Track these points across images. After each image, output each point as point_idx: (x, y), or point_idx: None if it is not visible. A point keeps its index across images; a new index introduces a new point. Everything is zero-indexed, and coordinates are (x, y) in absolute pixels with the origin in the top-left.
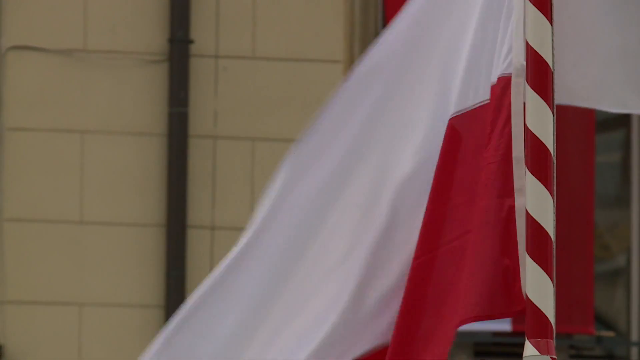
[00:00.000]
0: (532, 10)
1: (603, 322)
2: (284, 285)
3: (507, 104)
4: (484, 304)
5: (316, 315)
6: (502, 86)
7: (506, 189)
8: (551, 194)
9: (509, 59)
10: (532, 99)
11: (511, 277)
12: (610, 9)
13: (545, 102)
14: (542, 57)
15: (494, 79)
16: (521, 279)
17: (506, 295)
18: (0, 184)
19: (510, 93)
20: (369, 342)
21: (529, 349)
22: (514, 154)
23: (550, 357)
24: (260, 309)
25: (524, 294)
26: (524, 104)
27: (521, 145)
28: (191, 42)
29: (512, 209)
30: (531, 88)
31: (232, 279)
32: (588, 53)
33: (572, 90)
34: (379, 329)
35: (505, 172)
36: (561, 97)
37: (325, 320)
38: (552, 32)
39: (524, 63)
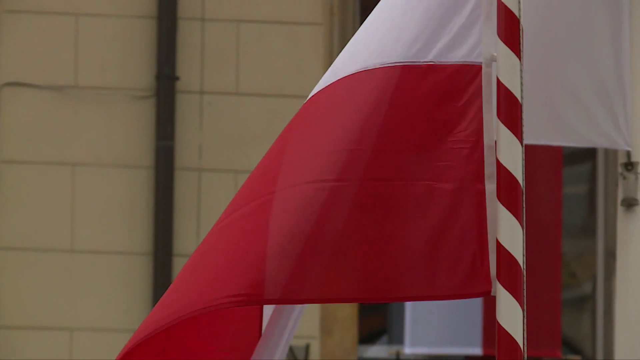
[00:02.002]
0: (503, 48)
1: (570, 346)
2: None
3: (478, 93)
4: (452, 284)
5: None
6: (473, 74)
7: (477, 175)
8: (521, 224)
9: (478, 49)
10: (503, 133)
11: (479, 259)
12: (574, 50)
13: (516, 136)
14: (512, 94)
15: (457, 60)
16: (490, 260)
17: (474, 276)
18: None
19: (480, 82)
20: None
21: None
22: (485, 142)
23: None
24: None
25: (492, 275)
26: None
27: (492, 134)
28: (177, 78)
29: (482, 193)
30: (502, 123)
31: None
32: (553, 92)
33: (539, 128)
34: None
35: (476, 159)
36: (528, 136)
37: None
38: (522, 70)
39: (494, 54)
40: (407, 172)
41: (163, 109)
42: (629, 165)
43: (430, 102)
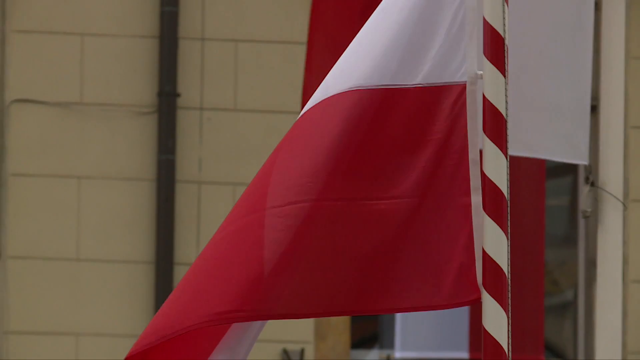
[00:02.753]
0: (489, 66)
1: (552, 350)
2: None
3: (463, 110)
4: (442, 294)
5: None
6: (458, 93)
7: (463, 189)
8: (506, 234)
9: (463, 69)
10: (489, 147)
11: (466, 269)
12: (545, 72)
13: (501, 150)
14: (498, 110)
15: (445, 80)
16: (477, 270)
17: (463, 285)
18: (4, 224)
19: (465, 100)
20: None
21: None
22: (470, 156)
23: None
24: None
25: (479, 283)
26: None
27: (476, 149)
28: (178, 95)
29: (468, 206)
30: (488, 138)
31: None
32: (536, 109)
33: (523, 142)
34: None
35: (462, 173)
36: (513, 148)
37: None
38: (507, 88)
39: (479, 73)
40: (395, 190)
41: (164, 124)
42: (587, 179)
43: (418, 123)
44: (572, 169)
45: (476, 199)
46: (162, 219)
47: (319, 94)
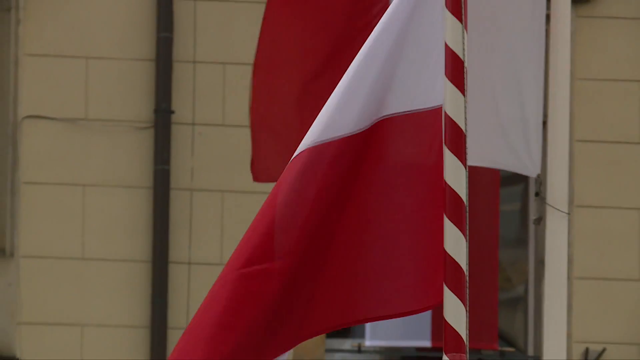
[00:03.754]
0: (450, 86)
1: (505, 339)
2: None
3: (440, 130)
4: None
5: None
6: (436, 116)
7: (438, 202)
8: (464, 236)
9: (436, 93)
10: (449, 159)
11: (436, 273)
12: (510, 91)
13: (460, 161)
14: (458, 125)
15: (427, 105)
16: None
17: (430, 289)
18: (17, 227)
19: (441, 121)
20: None
21: None
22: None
23: None
24: None
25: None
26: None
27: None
28: (172, 112)
29: (441, 215)
30: (449, 150)
31: None
32: (493, 125)
33: (480, 154)
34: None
35: (438, 186)
36: (471, 159)
37: None
38: (466, 106)
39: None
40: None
41: (160, 138)
42: (537, 191)
43: (408, 146)
44: (523, 178)
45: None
46: (158, 223)
47: (320, 134)
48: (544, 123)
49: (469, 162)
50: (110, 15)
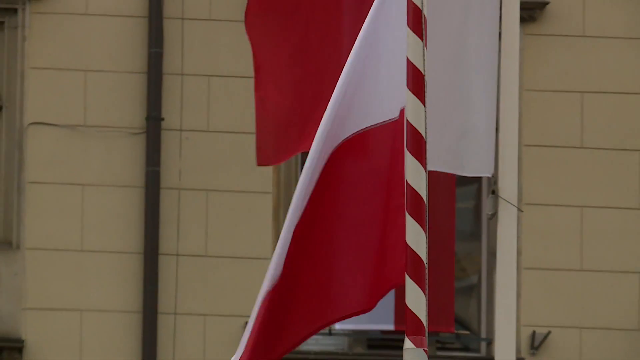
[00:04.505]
0: (411, 97)
1: (461, 323)
2: None
3: (398, 144)
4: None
5: None
6: (401, 123)
7: (396, 200)
8: (424, 230)
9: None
10: (411, 162)
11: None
12: (467, 101)
13: (421, 164)
14: (419, 132)
15: (394, 115)
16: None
17: (394, 271)
18: (23, 222)
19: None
20: None
21: (408, 343)
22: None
23: (423, 349)
24: None
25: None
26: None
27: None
28: (162, 119)
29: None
30: (410, 154)
31: None
32: (451, 131)
33: (440, 158)
34: None
35: (401, 184)
36: (431, 164)
37: None
38: (426, 115)
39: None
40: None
41: (151, 142)
42: (492, 188)
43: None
44: (477, 179)
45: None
46: (149, 218)
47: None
48: (497, 129)
49: (432, 167)
50: (106, 32)
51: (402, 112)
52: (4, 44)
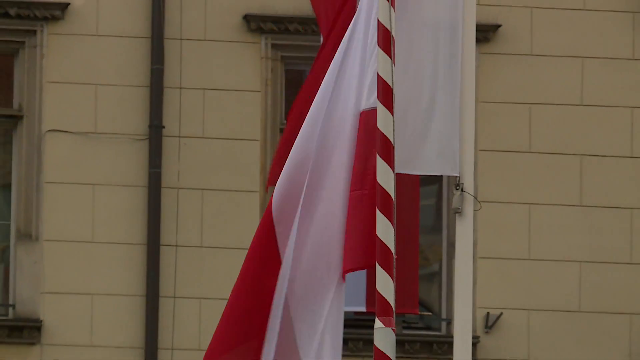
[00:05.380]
0: (381, 107)
1: (425, 305)
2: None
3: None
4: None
5: None
6: (371, 116)
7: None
8: (392, 224)
9: (373, 97)
10: (380, 164)
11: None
12: (432, 109)
13: (389, 166)
14: (387, 138)
15: (361, 108)
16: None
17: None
18: (41, 217)
19: (376, 121)
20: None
21: (378, 323)
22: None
23: (391, 328)
24: None
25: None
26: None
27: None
28: (163, 127)
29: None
30: (380, 157)
31: None
32: (419, 136)
33: (410, 161)
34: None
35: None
36: (401, 167)
37: None
38: (394, 123)
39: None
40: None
41: (153, 147)
42: (457, 186)
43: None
44: (438, 180)
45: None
46: (152, 214)
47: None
48: None
49: (404, 170)
50: (114, 51)
51: (362, 113)
52: (25, 61)
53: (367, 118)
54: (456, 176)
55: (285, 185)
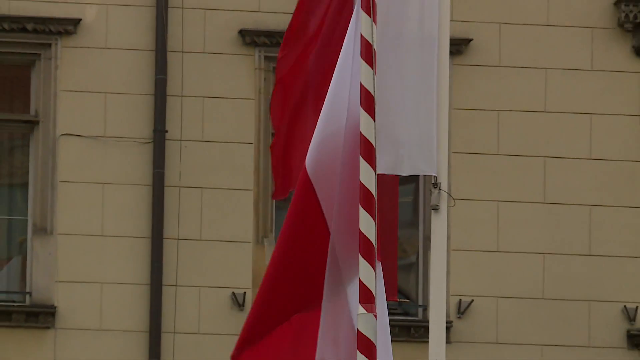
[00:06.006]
0: (364, 114)
1: (403, 293)
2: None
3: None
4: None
5: None
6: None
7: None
8: (374, 219)
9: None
10: (364, 165)
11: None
12: (412, 116)
13: (371, 167)
14: (369, 142)
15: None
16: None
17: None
18: (55, 213)
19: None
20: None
21: (361, 309)
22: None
23: (373, 314)
24: None
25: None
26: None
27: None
28: (166, 131)
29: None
30: (363, 159)
31: None
32: (401, 140)
33: (392, 162)
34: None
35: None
36: (382, 168)
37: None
38: (375, 129)
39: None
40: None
41: (157, 150)
42: (435, 184)
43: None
44: (414, 179)
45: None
46: (156, 210)
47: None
48: None
49: (386, 171)
50: (121, 62)
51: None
52: (41, 72)
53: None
54: (434, 176)
55: (319, 157)
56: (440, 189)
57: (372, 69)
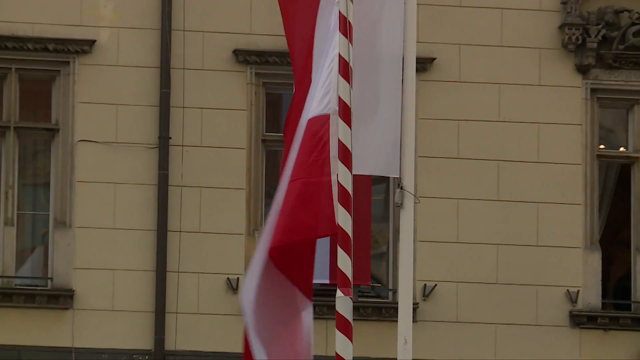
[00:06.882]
0: (342, 122)
1: (375, 278)
2: None
3: (327, 133)
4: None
5: None
6: (323, 122)
7: (327, 173)
8: (350, 214)
9: (327, 104)
10: (341, 167)
11: (331, 211)
12: (382, 121)
13: (348, 169)
14: (346, 146)
15: (315, 114)
16: (335, 215)
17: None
18: (73, 209)
19: (329, 127)
20: None
21: (339, 293)
22: (331, 155)
23: (349, 297)
24: None
25: (337, 226)
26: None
27: (335, 152)
28: (170, 138)
29: (329, 182)
30: (340, 161)
31: None
32: (370, 144)
33: (364, 163)
34: None
35: (328, 166)
36: (358, 169)
37: None
38: (351, 133)
39: (337, 108)
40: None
41: (162, 154)
42: (398, 185)
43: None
44: (385, 180)
45: (333, 177)
46: (161, 206)
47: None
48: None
49: (360, 172)
50: (131, 77)
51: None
52: (60, 86)
53: (311, 123)
54: (397, 177)
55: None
56: (402, 189)
57: (349, 83)
